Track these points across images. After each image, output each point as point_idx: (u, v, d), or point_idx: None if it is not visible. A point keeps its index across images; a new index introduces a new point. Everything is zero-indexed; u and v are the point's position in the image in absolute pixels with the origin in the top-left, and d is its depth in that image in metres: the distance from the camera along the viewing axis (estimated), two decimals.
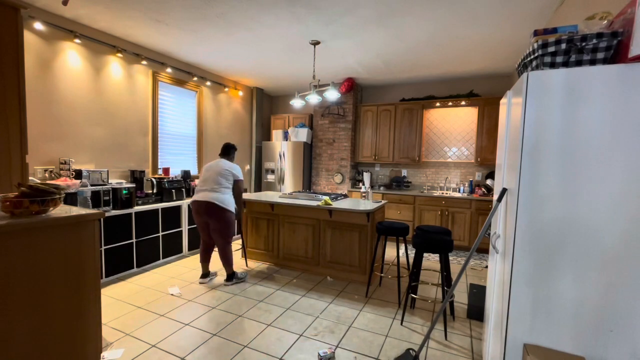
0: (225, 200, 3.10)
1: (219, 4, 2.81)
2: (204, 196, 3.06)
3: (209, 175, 3.15)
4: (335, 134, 5.63)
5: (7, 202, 1.31)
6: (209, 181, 3.13)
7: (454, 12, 2.85)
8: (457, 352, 2.19)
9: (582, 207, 1.22)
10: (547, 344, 1.31)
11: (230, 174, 3.18)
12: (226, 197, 3.12)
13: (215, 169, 3.17)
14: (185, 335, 2.29)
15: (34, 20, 2.92)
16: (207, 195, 3.06)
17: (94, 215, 1.52)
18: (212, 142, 5.21)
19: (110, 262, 3.22)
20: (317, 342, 2.26)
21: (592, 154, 1.20)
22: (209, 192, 3.07)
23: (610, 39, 1.20)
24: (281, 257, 3.81)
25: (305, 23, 3.14)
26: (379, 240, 3.26)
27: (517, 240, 1.34)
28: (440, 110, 5.17)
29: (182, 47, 3.94)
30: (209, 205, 3.04)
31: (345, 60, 4.26)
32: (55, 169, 3.16)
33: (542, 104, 1.26)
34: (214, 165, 3.20)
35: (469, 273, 3.73)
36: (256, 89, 6.03)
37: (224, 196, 3.11)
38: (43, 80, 3.06)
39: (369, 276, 3.08)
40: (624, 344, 1.19)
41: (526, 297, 1.34)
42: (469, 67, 4.48)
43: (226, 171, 3.17)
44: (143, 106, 4.04)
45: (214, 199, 3.04)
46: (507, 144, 1.60)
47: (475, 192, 4.74)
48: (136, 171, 3.86)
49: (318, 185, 5.87)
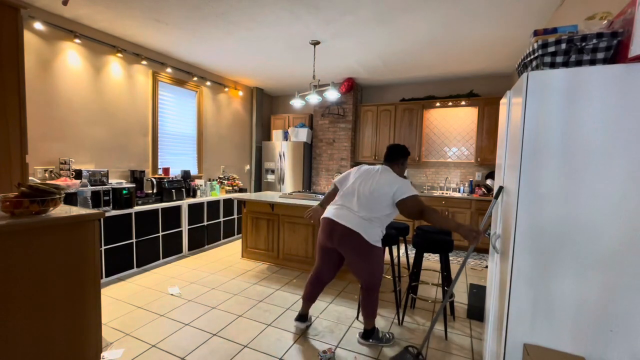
0: (371, 234, 2.06)
1: (219, 4, 2.81)
2: (337, 215, 2.12)
3: (359, 190, 2.13)
4: (335, 134, 5.63)
5: (7, 202, 1.30)
6: (355, 198, 2.12)
7: (454, 12, 2.85)
8: (457, 352, 2.19)
9: (582, 207, 1.22)
10: (547, 344, 1.31)
11: (387, 197, 2.05)
12: (373, 230, 2.07)
13: (369, 183, 2.12)
14: (185, 335, 2.29)
15: (34, 20, 2.92)
16: (343, 216, 2.10)
17: (94, 215, 1.52)
18: (212, 142, 5.22)
19: (110, 262, 3.22)
20: (317, 342, 2.26)
21: (592, 154, 1.20)
22: (347, 212, 2.11)
23: (610, 39, 1.20)
24: (281, 257, 3.81)
25: (305, 23, 3.14)
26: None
27: (517, 240, 1.34)
28: (440, 110, 5.17)
29: (182, 47, 3.94)
30: (345, 232, 2.06)
31: (345, 60, 4.26)
32: (55, 169, 3.16)
33: (542, 104, 1.26)
34: (369, 177, 2.17)
35: (469, 273, 3.73)
36: (256, 89, 6.03)
37: (371, 229, 2.07)
38: (43, 80, 3.06)
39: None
40: (624, 344, 1.19)
41: (526, 297, 1.34)
42: (469, 67, 4.48)
43: (382, 191, 2.06)
44: (143, 106, 4.04)
45: (352, 224, 2.05)
46: (507, 144, 1.60)
47: (475, 192, 4.74)
48: (136, 171, 3.86)
49: (318, 185, 5.87)
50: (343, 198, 2.19)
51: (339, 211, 2.14)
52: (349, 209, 2.12)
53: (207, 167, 5.13)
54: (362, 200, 2.09)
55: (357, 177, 2.22)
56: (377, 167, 2.25)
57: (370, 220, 2.07)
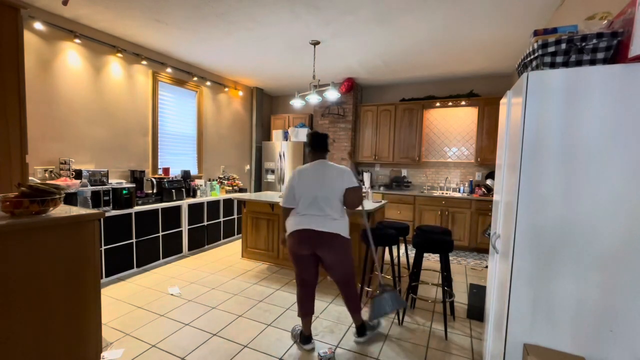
0: (345, 229, 2.16)
1: (219, 4, 2.81)
2: (311, 223, 2.10)
3: (315, 194, 2.12)
4: (335, 134, 5.63)
5: (7, 202, 1.30)
6: (314, 203, 2.12)
7: (454, 12, 2.85)
8: (457, 352, 2.19)
9: (582, 207, 1.22)
10: (547, 344, 1.31)
11: (341, 188, 2.13)
12: (345, 225, 2.17)
13: (321, 183, 2.13)
14: (185, 335, 2.29)
15: (34, 20, 2.92)
16: (319, 223, 2.10)
17: (94, 215, 1.52)
18: (212, 142, 5.21)
19: (110, 262, 3.22)
20: (317, 342, 2.26)
21: (592, 154, 1.20)
22: (320, 219, 2.10)
23: (610, 39, 1.20)
24: (281, 257, 3.81)
25: (305, 23, 3.14)
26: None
27: (517, 240, 1.34)
28: (440, 110, 5.17)
29: (182, 47, 3.94)
30: (327, 237, 2.09)
31: (345, 60, 4.26)
32: (55, 169, 3.16)
33: (542, 104, 1.26)
34: (315, 178, 2.15)
35: (469, 273, 3.73)
36: (256, 89, 6.03)
37: (344, 224, 2.15)
38: (43, 80, 3.06)
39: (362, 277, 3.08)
40: (624, 344, 1.19)
41: (526, 297, 1.34)
42: (469, 67, 4.48)
43: (336, 185, 2.12)
44: (143, 106, 4.04)
45: (331, 228, 2.08)
46: (507, 144, 1.60)
47: (475, 192, 4.74)
48: (136, 171, 3.86)
49: None
50: (307, 207, 2.13)
51: (311, 219, 2.11)
52: (319, 215, 2.11)
53: (207, 167, 5.13)
54: (325, 202, 2.10)
55: (304, 184, 2.16)
56: (313, 165, 2.20)
57: (341, 217, 2.15)
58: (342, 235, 2.11)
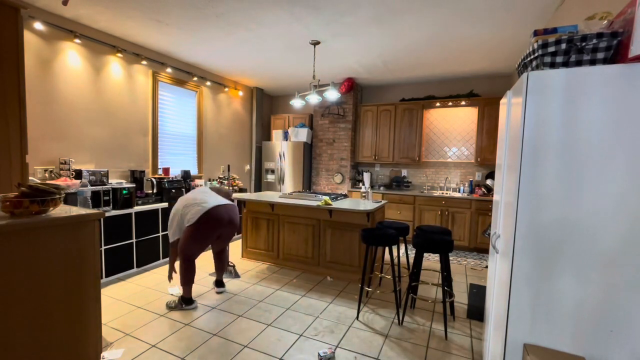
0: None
1: (219, 4, 2.81)
2: (222, 201, 2.89)
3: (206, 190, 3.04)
4: (335, 134, 5.63)
5: (7, 202, 1.30)
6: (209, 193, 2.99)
7: (454, 12, 2.85)
8: (457, 352, 2.19)
9: (582, 207, 1.22)
10: (547, 344, 1.31)
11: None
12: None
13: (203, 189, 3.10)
14: (185, 335, 2.29)
15: (34, 20, 2.92)
16: (224, 200, 2.92)
17: (94, 215, 1.52)
18: (212, 142, 5.21)
19: (110, 262, 3.22)
20: (317, 342, 2.26)
21: (592, 154, 1.20)
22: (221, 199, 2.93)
23: (610, 39, 1.20)
24: (281, 257, 3.81)
25: (305, 23, 3.14)
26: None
27: (517, 240, 1.34)
28: (440, 110, 5.17)
29: (182, 47, 3.94)
30: (234, 209, 2.93)
31: (345, 60, 4.26)
32: (55, 169, 3.16)
33: (542, 104, 1.26)
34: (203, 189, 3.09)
35: (469, 273, 3.73)
36: (256, 89, 6.03)
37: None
38: (43, 80, 3.06)
39: (362, 276, 3.08)
40: (624, 344, 1.19)
41: (526, 297, 1.34)
42: (469, 67, 4.48)
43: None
44: (143, 106, 4.04)
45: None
46: (507, 144, 1.60)
47: (475, 192, 4.74)
48: (136, 171, 3.86)
49: (318, 185, 5.87)
50: (202, 195, 2.89)
51: (212, 197, 2.88)
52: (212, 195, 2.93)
53: (207, 167, 5.13)
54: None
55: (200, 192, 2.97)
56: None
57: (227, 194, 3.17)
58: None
